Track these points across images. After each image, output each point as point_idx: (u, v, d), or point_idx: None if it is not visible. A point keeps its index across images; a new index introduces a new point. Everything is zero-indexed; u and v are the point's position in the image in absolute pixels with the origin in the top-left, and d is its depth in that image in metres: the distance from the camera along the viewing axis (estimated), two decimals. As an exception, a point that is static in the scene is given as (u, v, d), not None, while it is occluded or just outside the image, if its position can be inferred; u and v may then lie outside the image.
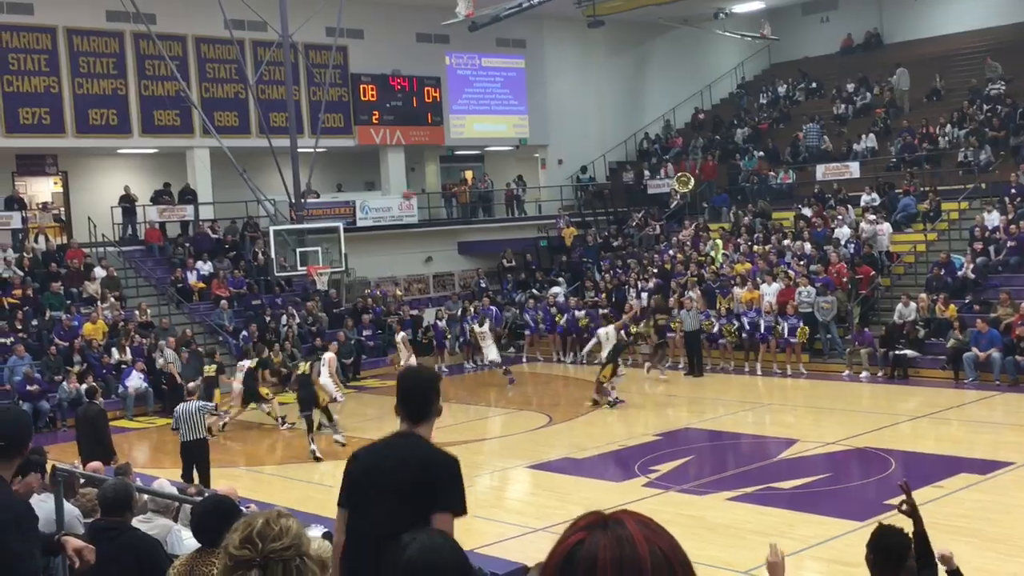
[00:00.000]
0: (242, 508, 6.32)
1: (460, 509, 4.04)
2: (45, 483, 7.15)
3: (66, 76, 25.43)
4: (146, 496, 6.76)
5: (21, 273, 23.33)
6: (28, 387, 20.03)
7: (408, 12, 29.96)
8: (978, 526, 11.42)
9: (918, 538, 5.33)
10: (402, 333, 22.41)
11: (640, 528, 1.68)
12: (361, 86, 30.23)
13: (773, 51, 38.12)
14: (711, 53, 37.82)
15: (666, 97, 36.94)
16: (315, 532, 6.04)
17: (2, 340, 21.28)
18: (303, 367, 17.15)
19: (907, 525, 5.47)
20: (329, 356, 19.29)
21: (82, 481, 6.80)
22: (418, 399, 4.31)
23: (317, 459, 16.06)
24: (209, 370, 20.64)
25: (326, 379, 18.47)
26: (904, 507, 5.46)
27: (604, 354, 19.88)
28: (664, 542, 1.68)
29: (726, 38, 34.80)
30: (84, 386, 19.46)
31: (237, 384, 19.69)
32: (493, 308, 27.05)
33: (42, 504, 5.85)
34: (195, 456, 13.69)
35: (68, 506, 6.05)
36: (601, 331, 20.55)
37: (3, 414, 4.44)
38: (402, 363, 20.04)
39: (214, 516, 4.44)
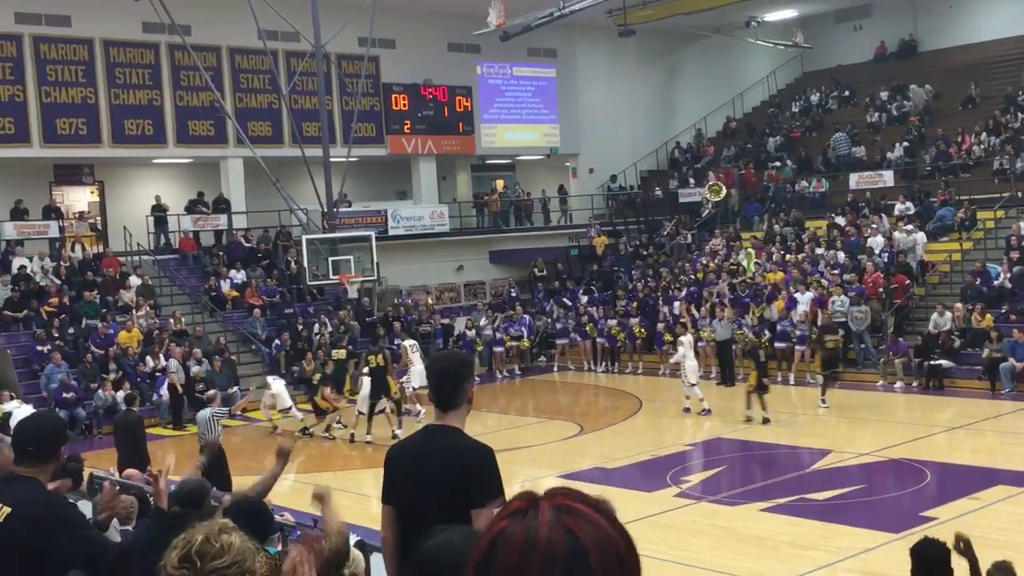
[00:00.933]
0: (276, 515, 6.37)
1: (497, 497, 3.95)
2: (82, 490, 7.24)
3: (103, 87, 25.76)
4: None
5: (58, 281, 23.63)
6: (64, 394, 20.25)
7: (440, 22, 30.10)
8: (1016, 539, 11.25)
9: None
10: (411, 341, 22.43)
11: (556, 515, 1.53)
12: (393, 96, 30.40)
13: (806, 59, 37.93)
14: (743, 61, 37.69)
15: (698, 106, 36.85)
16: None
17: (39, 348, 21.54)
18: (376, 359, 18.05)
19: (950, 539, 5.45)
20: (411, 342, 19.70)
21: (118, 488, 6.87)
22: (449, 385, 4.21)
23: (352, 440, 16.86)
24: (338, 354, 21.41)
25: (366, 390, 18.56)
26: (961, 546, 5.40)
27: (688, 363, 19.51)
28: (590, 533, 1.53)
29: (758, 46, 34.68)
30: (121, 393, 19.69)
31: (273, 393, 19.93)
32: (526, 317, 27.08)
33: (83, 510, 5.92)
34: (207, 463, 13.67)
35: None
36: (685, 339, 20.34)
37: (33, 420, 4.54)
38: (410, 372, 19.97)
39: (242, 518, 4.47)
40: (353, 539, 6.81)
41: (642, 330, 25.26)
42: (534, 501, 1.56)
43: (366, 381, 18.49)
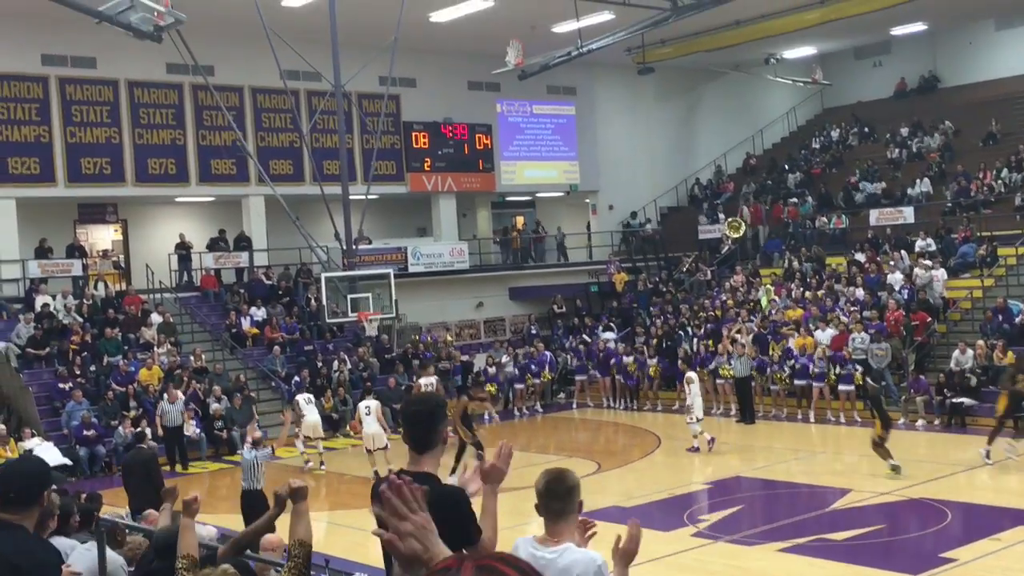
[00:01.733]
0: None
1: (472, 540, 3.93)
2: (92, 531, 7.27)
3: (127, 127, 26.13)
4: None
5: (80, 319, 23.84)
6: (85, 432, 20.36)
7: (460, 60, 30.38)
8: (1037, 581, 11.13)
9: None
10: (427, 379, 22.62)
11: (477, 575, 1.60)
12: (413, 134, 30.66)
13: (826, 95, 38.00)
14: (762, 98, 37.80)
15: (717, 142, 36.95)
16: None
17: (61, 385, 21.70)
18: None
19: None
20: (376, 404, 19.25)
21: (127, 530, 6.89)
22: (423, 427, 4.17)
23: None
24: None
25: (376, 427, 18.49)
26: None
27: (696, 400, 19.37)
28: None
29: (778, 83, 34.79)
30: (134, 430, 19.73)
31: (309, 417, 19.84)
32: (547, 353, 27.07)
33: (87, 553, 5.95)
34: (249, 507, 13.19)
35: (112, 555, 6.13)
36: (694, 375, 20.30)
37: (14, 466, 4.58)
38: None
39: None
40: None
41: (658, 369, 25.19)
42: (461, 562, 1.63)
43: (369, 420, 18.53)
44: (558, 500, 4.10)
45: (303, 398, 20.41)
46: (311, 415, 19.82)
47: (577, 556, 3.95)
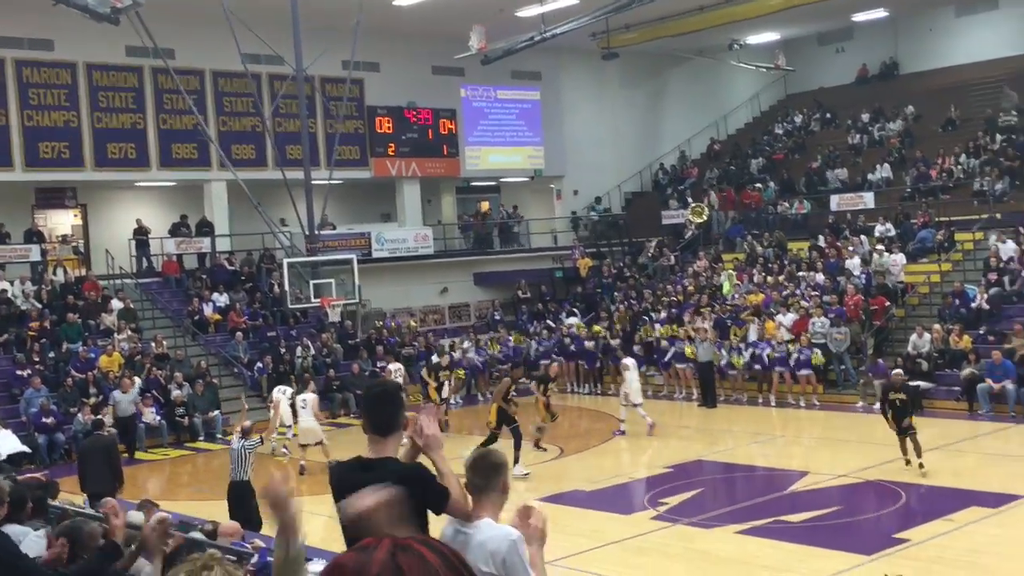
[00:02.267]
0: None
1: (444, 499, 4.09)
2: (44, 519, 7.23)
3: (85, 110, 25.81)
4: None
5: (39, 305, 23.58)
6: (44, 419, 20.16)
7: (424, 45, 30.24)
8: (987, 560, 11.34)
9: None
10: (396, 364, 22.56)
11: (392, 552, 1.68)
12: (377, 118, 30.52)
13: (789, 81, 38.22)
14: (727, 83, 37.97)
15: (682, 127, 37.09)
16: (315, 567, 6.04)
17: (19, 372, 21.47)
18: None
19: None
20: (313, 397, 18.61)
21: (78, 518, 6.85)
22: (385, 411, 4.28)
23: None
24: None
25: (312, 422, 17.90)
26: None
27: (633, 384, 19.61)
28: (417, 570, 1.67)
29: (742, 69, 34.95)
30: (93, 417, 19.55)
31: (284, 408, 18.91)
32: (510, 339, 27.11)
33: (38, 540, 5.92)
34: (236, 498, 12.92)
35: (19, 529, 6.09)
36: (629, 362, 20.42)
37: None
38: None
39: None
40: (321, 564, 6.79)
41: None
42: (380, 540, 1.70)
43: (305, 414, 18.04)
44: (479, 476, 4.22)
45: (279, 390, 19.66)
46: (306, 420, 18.16)
47: (493, 532, 4.06)
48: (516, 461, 16.04)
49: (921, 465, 14.92)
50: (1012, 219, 24.75)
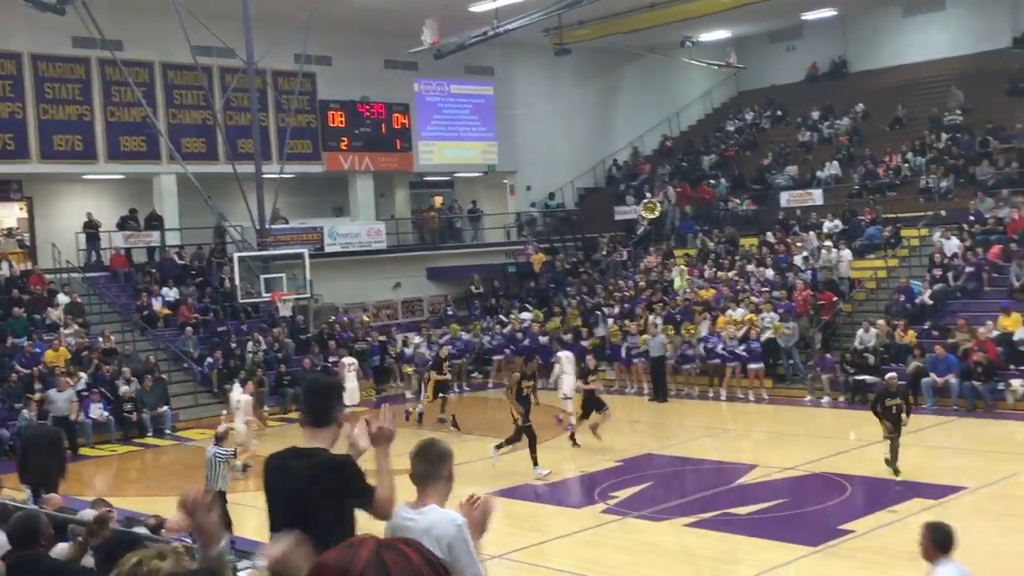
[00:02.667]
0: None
1: (368, 496, 4.16)
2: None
3: (31, 102, 25.38)
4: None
5: (-17, 300, 23.16)
6: (-12, 415, 19.83)
7: (376, 39, 30.10)
8: (928, 551, 11.53)
9: None
10: (350, 359, 22.36)
11: (376, 550, 1.74)
12: (329, 112, 30.34)
13: (741, 79, 38.57)
14: (679, 81, 38.22)
15: (634, 124, 37.30)
16: (260, 563, 5.98)
17: (-38, 367, 21.10)
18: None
19: None
20: (247, 399, 18.33)
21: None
22: (321, 402, 4.36)
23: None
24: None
25: (240, 425, 17.44)
26: None
27: (566, 377, 19.32)
28: (401, 568, 1.73)
29: (695, 66, 35.20)
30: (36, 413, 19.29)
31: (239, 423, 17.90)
32: (463, 334, 27.10)
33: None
34: None
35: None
36: (563, 355, 20.48)
37: None
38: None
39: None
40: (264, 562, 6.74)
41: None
42: (365, 539, 1.79)
43: (238, 415, 17.72)
44: (423, 463, 4.29)
45: (237, 391, 19.18)
46: (238, 422, 17.67)
47: (437, 517, 4.12)
48: (535, 463, 15.98)
49: (897, 471, 14.63)
50: (956, 216, 25.20)
